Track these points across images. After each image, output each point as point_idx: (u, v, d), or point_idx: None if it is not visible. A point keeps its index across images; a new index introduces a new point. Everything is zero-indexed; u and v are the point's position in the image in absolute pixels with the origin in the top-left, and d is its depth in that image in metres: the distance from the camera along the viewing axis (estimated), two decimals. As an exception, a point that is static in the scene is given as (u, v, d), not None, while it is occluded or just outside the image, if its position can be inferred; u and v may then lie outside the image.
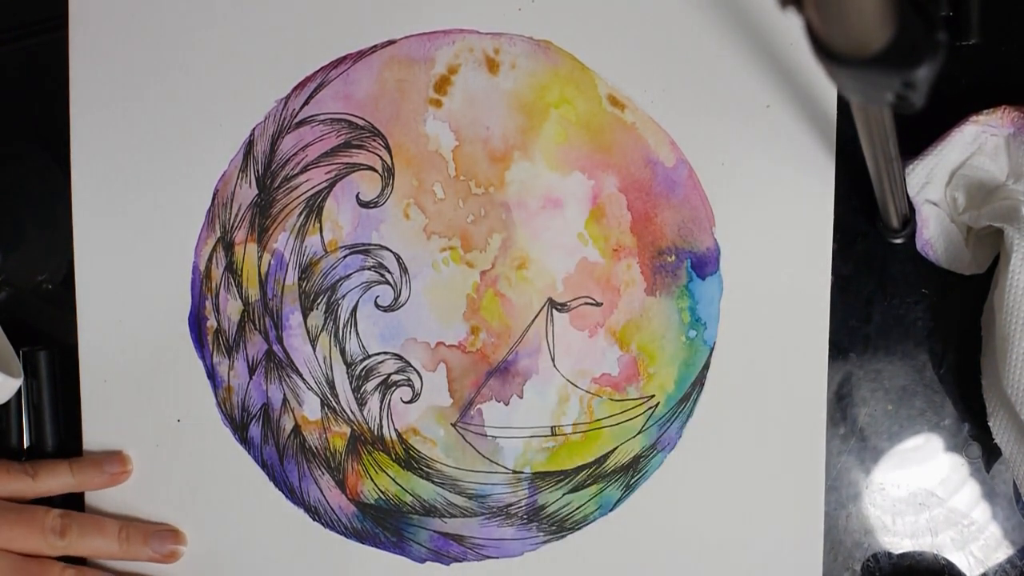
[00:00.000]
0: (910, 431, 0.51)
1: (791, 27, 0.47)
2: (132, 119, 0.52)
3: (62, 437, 0.54)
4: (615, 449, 0.51)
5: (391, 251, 0.52)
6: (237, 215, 0.52)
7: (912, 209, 0.50)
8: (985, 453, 0.51)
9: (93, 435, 0.53)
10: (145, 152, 0.52)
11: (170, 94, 0.52)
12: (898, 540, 0.51)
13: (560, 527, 0.52)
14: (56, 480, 0.51)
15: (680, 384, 0.51)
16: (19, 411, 0.53)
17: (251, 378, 0.52)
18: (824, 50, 0.29)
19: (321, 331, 0.52)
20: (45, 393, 0.53)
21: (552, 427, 0.51)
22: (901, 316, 0.51)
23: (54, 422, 0.53)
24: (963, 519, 0.51)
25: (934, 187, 0.50)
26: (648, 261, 0.51)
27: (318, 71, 0.52)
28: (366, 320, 0.52)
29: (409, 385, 0.52)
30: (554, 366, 0.51)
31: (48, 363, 0.53)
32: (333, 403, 0.52)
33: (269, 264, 0.52)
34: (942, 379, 0.51)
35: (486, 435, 0.52)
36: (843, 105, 0.49)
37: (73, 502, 0.53)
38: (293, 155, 0.52)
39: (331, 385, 0.52)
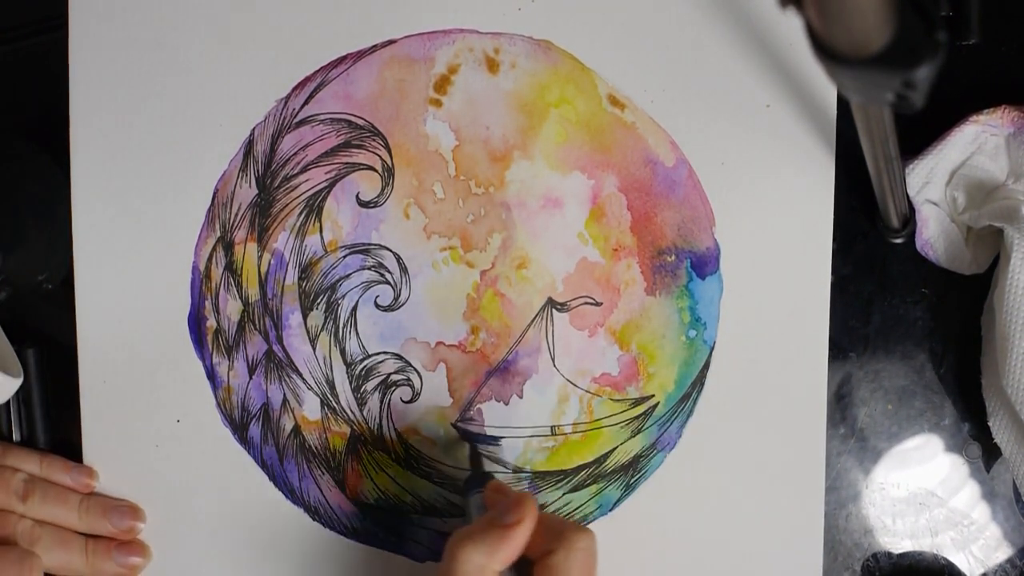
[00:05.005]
0: (910, 431, 0.51)
1: (791, 27, 0.47)
2: (132, 119, 0.52)
3: (54, 434, 0.53)
4: (615, 449, 0.51)
5: (391, 251, 0.52)
6: (237, 215, 0.52)
7: (912, 209, 0.50)
8: (985, 453, 0.51)
9: (92, 436, 0.53)
10: (145, 152, 0.52)
11: (170, 94, 0.52)
12: (898, 540, 0.51)
13: (560, 527, 0.52)
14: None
15: (680, 384, 0.51)
16: (9, 410, 0.53)
17: (251, 378, 0.52)
18: (824, 50, 0.29)
19: (321, 331, 0.52)
20: (35, 391, 0.53)
21: (552, 427, 0.51)
22: (901, 316, 0.51)
23: (45, 420, 0.53)
24: (963, 519, 0.51)
25: (934, 187, 0.50)
26: (648, 261, 0.51)
27: (318, 71, 0.52)
28: (366, 320, 0.52)
29: (409, 385, 0.52)
30: (554, 366, 0.51)
31: (37, 361, 0.53)
32: (333, 403, 0.52)
33: (269, 264, 0.52)
34: (942, 379, 0.51)
35: (486, 435, 0.52)
36: (843, 105, 0.49)
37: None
38: (293, 155, 0.52)
39: (331, 385, 0.52)
